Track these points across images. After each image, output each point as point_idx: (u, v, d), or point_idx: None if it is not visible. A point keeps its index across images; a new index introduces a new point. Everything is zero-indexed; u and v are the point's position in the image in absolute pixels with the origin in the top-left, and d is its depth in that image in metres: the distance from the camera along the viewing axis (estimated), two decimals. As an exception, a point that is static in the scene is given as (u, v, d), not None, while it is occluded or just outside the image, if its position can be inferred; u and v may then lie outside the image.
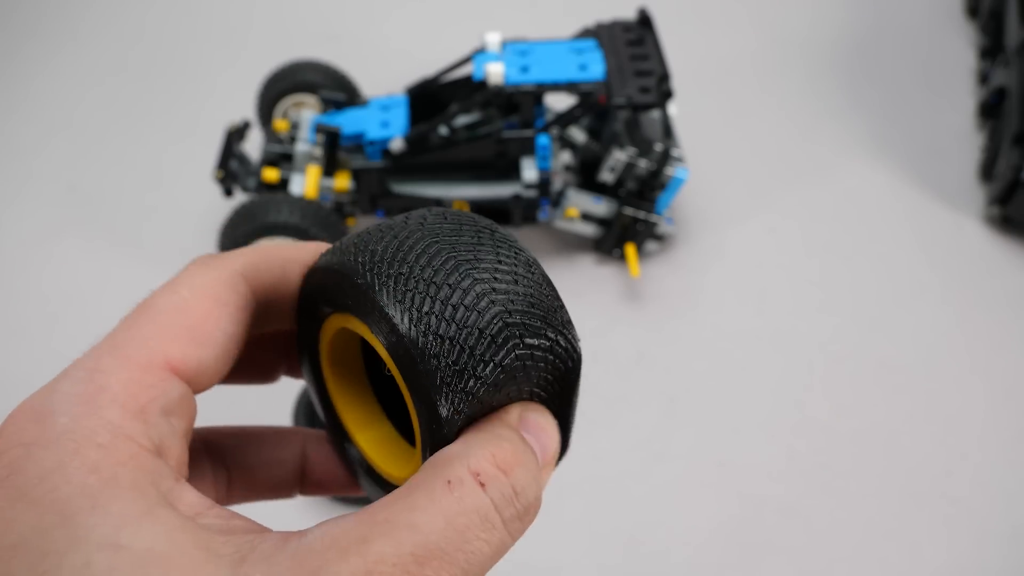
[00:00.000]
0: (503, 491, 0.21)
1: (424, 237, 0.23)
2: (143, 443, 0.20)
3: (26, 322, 0.84)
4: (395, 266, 0.22)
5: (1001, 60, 0.97)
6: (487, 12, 1.16)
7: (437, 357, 0.21)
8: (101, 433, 0.20)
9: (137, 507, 0.19)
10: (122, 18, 1.17)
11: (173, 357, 0.22)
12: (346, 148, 0.83)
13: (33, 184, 0.97)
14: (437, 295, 0.22)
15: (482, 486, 0.20)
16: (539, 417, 0.23)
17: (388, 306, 0.22)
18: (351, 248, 0.23)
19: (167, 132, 1.02)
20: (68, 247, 0.90)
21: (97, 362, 0.21)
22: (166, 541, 0.19)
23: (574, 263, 0.89)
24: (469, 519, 0.20)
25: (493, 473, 0.21)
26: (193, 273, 0.23)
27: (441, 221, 0.24)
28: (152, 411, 0.21)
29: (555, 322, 0.23)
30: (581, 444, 0.75)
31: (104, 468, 0.19)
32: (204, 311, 0.23)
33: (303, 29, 1.15)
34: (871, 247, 0.90)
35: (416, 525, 0.19)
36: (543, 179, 0.81)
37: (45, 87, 1.08)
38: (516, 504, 0.21)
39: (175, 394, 0.22)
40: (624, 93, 0.79)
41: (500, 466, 0.21)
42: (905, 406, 0.77)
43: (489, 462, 0.21)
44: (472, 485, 0.20)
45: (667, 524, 0.70)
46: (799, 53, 1.11)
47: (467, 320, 0.22)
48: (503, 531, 0.21)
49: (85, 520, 0.19)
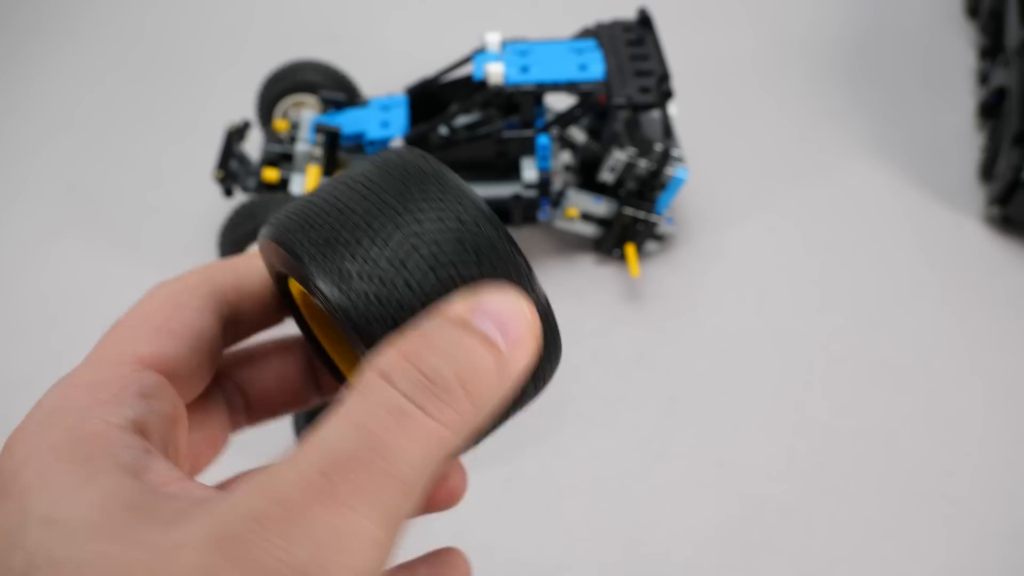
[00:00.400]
0: (410, 377, 0.19)
1: (352, 194, 0.23)
2: (115, 421, 0.21)
3: (26, 322, 0.84)
4: (320, 230, 0.22)
5: (1001, 60, 0.97)
6: (487, 12, 1.16)
7: (368, 319, 0.21)
8: (68, 418, 0.21)
9: (77, 477, 0.19)
10: (122, 18, 1.17)
11: (142, 353, 0.23)
12: (346, 148, 0.83)
13: (33, 184, 0.97)
14: (364, 256, 0.21)
15: (388, 383, 0.19)
16: (497, 301, 0.21)
17: (315, 275, 0.22)
18: (283, 215, 0.24)
19: (167, 132, 1.02)
20: (68, 247, 0.90)
21: (72, 373, 0.23)
22: (97, 508, 0.19)
23: (574, 263, 0.89)
24: (380, 418, 0.18)
25: (399, 365, 0.19)
26: (153, 291, 0.25)
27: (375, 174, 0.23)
28: (126, 395, 0.22)
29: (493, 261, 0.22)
30: (581, 444, 0.75)
31: (62, 447, 0.20)
32: (166, 313, 0.24)
33: (303, 29, 1.15)
34: (871, 247, 0.90)
35: (323, 441, 0.18)
36: (543, 179, 0.81)
37: (45, 87, 1.08)
38: (434, 388, 0.19)
39: (149, 381, 0.23)
40: (624, 93, 0.79)
41: (406, 357, 0.19)
42: (905, 406, 0.77)
43: (394, 357, 0.19)
44: (378, 383, 0.19)
45: (667, 524, 0.70)
46: (799, 53, 1.11)
47: (395, 281, 0.21)
48: (429, 422, 0.19)
49: (32, 499, 0.19)
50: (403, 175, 0.23)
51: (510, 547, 0.67)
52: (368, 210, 0.22)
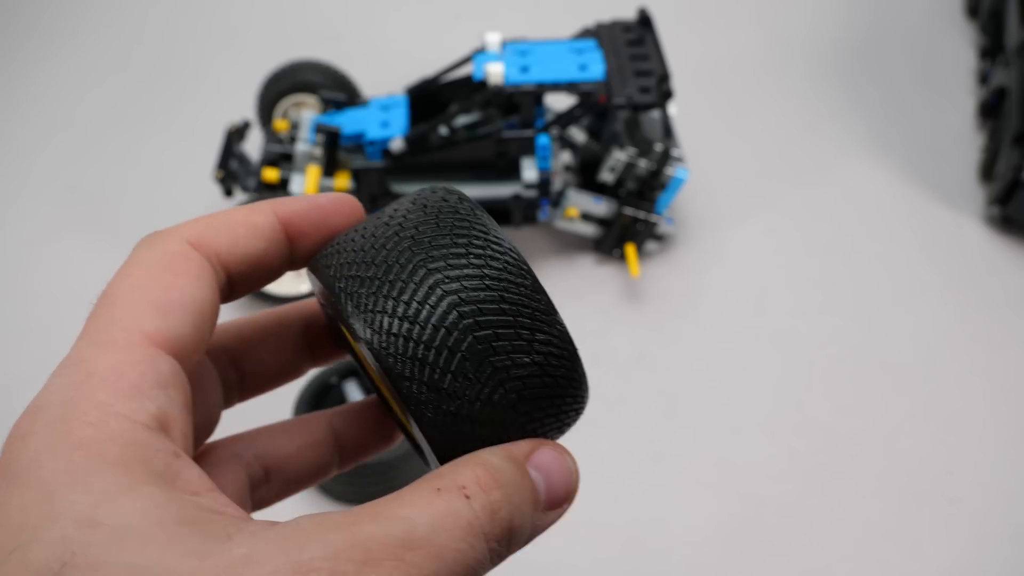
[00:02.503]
0: (484, 505, 0.21)
1: (395, 243, 0.23)
2: (139, 418, 0.20)
3: (26, 322, 0.84)
4: (363, 283, 0.23)
5: (1001, 60, 0.97)
6: (487, 12, 1.16)
7: (408, 374, 0.22)
8: (91, 412, 0.20)
9: (119, 483, 0.19)
10: (122, 18, 1.17)
11: (149, 331, 0.22)
12: (346, 148, 0.83)
13: (33, 184, 0.97)
14: (404, 313, 0.22)
15: (467, 498, 0.21)
16: (553, 458, 0.24)
17: (359, 330, 0.22)
18: (328, 258, 0.24)
19: (167, 132, 1.02)
20: (68, 247, 0.90)
21: (80, 354, 0.22)
22: (144, 517, 0.19)
23: (574, 263, 0.89)
24: (456, 520, 0.20)
25: (475, 490, 0.21)
26: (141, 254, 0.24)
27: (419, 217, 0.24)
28: (145, 386, 0.21)
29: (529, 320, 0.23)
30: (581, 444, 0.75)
31: (91, 444, 0.20)
32: (163, 285, 0.23)
33: (303, 29, 1.15)
34: (871, 247, 0.90)
35: (406, 517, 0.20)
36: (543, 179, 0.81)
37: (45, 87, 1.08)
38: (496, 523, 0.21)
39: (165, 367, 0.22)
40: (624, 93, 0.79)
41: (481, 486, 0.21)
42: (905, 406, 0.77)
43: (472, 480, 0.21)
44: (458, 494, 0.21)
45: (667, 523, 0.70)
46: (799, 53, 1.11)
47: (431, 338, 0.22)
48: (484, 546, 0.21)
49: (64, 496, 0.19)
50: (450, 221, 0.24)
51: (510, 547, 0.67)
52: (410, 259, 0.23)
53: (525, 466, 0.23)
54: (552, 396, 0.24)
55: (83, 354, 0.22)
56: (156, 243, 0.24)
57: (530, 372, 0.23)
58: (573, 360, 0.24)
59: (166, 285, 0.23)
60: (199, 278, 0.23)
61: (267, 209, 0.25)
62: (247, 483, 0.27)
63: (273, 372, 0.29)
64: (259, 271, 0.25)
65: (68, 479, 0.19)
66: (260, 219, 0.25)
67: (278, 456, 0.28)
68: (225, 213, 0.25)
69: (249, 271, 0.25)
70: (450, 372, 0.22)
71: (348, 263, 0.23)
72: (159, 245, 0.23)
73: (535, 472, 0.23)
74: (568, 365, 0.24)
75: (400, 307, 0.22)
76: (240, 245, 0.24)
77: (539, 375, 0.23)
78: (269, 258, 0.25)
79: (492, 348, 0.22)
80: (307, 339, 0.29)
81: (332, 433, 0.29)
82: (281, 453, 0.28)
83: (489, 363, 0.22)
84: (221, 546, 0.19)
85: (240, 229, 0.25)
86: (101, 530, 0.18)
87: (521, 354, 0.23)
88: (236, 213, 0.25)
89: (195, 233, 0.24)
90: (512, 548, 0.22)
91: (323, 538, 0.19)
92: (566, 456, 0.24)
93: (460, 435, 0.23)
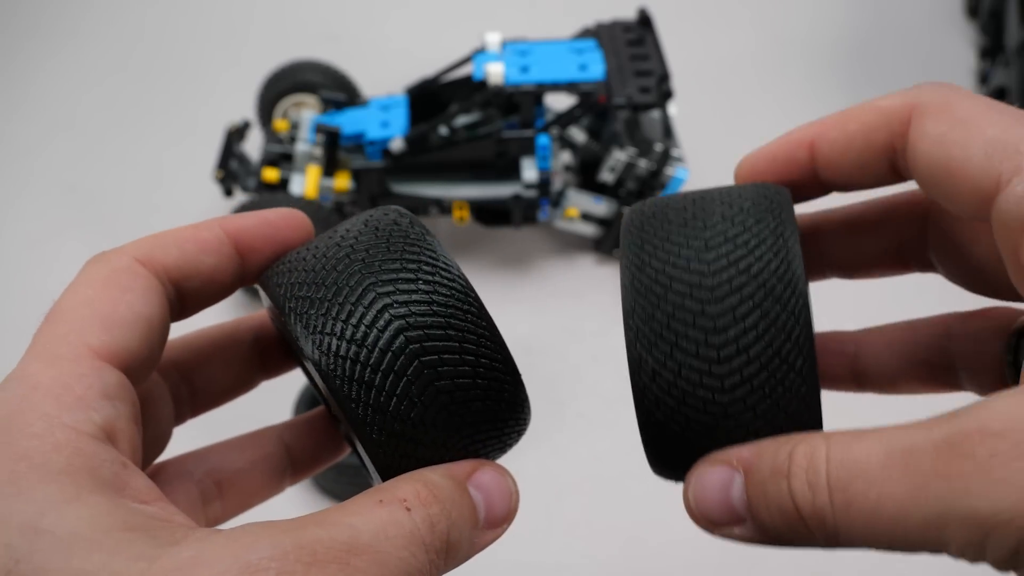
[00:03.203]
0: (423, 517, 0.22)
1: (345, 265, 0.23)
2: (85, 429, 0.20)
3: (26, 322, 0.83)
4: (312, 303, 0.23)
5: (1001, 60, 0.97)
6: (487, 12, 1.16)
7: (354, 396, 0.22)
8: (36, 424, 0.20)
9: (64, 492, 0.19)
10: (122, 18, 1.17)
11: (95, 345, 0.22)
12: (346, 148, 0.83)
13: (33, 184, 0.97)
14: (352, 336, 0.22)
15: (408, 510, 0.22)
16: (493, 479, 0.24)
17: (306, 350, 0.22)
18: (278, 275, 0.24)
19: (167, 132, 1.02)
20: (68, 247, 0.90)
21: (25, 369, 0.22)
22: (91, 524, 0.19)
23: (574, 263, 0.89)
24: (398, 529, 0.21)
25: (415, 503, 0.22)
26: (89, 271, 0.24)
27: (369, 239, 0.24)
28: (91, 397, 0.21)
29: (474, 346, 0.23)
30: (581, 444, 0.75)
31: (36, 455, 0.20)
32: (110, 300, 0.23)
33: (303, 29, 1.15)
34: (871, 247, 0.90)
35: (351, 524, 0.21)
36: (543, 179, 0.81)
37: (45, 87, 1.08)
38: (435, 536, 0.22)
39: (111, 380, 0.22)
40: (624, 93, 0.79)
41: (421, 500, 0.22)
42: (905, 405, 0.77)
43: (413, 494, 0.22)
44: (399, 506, 0.22)
45: (667, 523, 0.70)
46: (799, 53, 1.11)
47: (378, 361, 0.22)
48: (424, 556, 0.21)
49: (8, 505, 0.19)
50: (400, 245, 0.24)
51: (510, 547, 0.67)
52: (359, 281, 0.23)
53: (465, 485, 0.23)
54: (495, 420, 0.24)
55: (28, 369, 0.22)
56: (104, 261, 0.24)
57: (474, 396, 0.23)
58: (516, 386, 0.24)
59: (112, 300, 0.23)
60: (146, 293, 0.23)
61: (214, 225, 0.25)
62: (199, 499, 0.27)
63: (225, 386, 0.29)
64: (211, 287, 0.25)
65: (12, 489, 0.19)
66: (207, 234, 0.25)
67: (230, 471, 0.28)
68: (173, 230, 0.25)
69: (200, 287, 0.25)
70: (395, 395, 0.22)
71: (298, 283, 0.23)
72: (107, 263, 0.24)
73: (475, 491, 0.23)
74: (511, 391, 0.24)
75: (348, 330, 0.22)
76: (189, 260, 0.25)
77: (482, 399, 0.23)
78: (220, 274, 0.25)
79: (437, 372, 0.22)
80: (258, 352, 0.29)
81: (283, 446, 0.29)
82: (232, 468, 0.28)
83: (434, 387, 0.22)
84: (169, 550, 0.19)
85: (188, 245, 0.25)
86: (46, 537, 0.18)
87: (465, 379, 0.23)
88: (184, 230, 0.25)
89: (143, 250, 0.24)
90: (450, 563, 0.22)
91: (271, 540, 0.19)
92: (506, 477, 0.24)
93: (403, 455, 0.23)
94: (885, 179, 0.26)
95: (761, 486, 0.22)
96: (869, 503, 0.20)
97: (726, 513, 0.23)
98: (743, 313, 0.22)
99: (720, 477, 0.23)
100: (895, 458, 0.19)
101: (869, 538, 0.20)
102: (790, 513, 0.21)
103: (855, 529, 0.20)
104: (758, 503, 0.22)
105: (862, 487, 0.20)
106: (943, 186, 0.23)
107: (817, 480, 0.21)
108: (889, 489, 0.19)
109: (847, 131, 0.25)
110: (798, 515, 0.21)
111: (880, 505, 0.19)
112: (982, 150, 0.21)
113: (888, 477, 0.19)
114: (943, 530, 0.19)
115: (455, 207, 0.83)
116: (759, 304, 0.22)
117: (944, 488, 0.19)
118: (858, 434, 0.21)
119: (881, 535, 0.20)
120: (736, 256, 0.22)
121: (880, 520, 0.19)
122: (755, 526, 0.23)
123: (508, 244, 0.91)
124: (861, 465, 0.20)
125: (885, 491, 0.19)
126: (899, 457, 0.19)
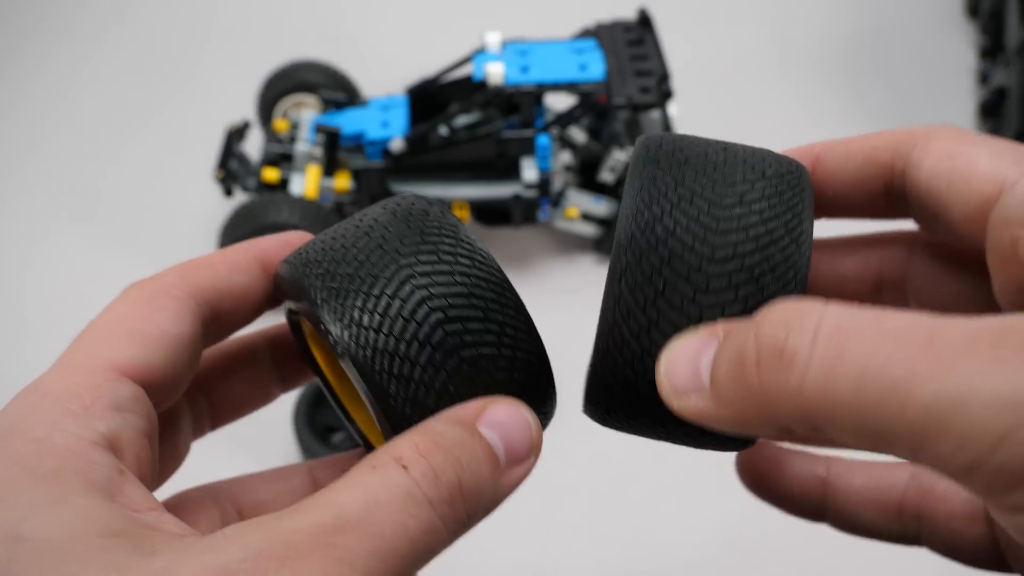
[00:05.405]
0: (424, 471, 0.20)
1: (366, 242, 0.23)
2: (85, 436, 0.20)
3: (26, 322, 0.84)
4: (334, 278, 0.23)
5: (1001, 60, 0.97)
6: (487, 12, 1.16)
7: (378, 367, 0.22)
8: (37, 429, 0.20)
9: (49, 495, 0.19)
10: (122, 18, 1.17)
11: (117, 359, 0.22)
12: (346, 148, 0.83)
13: (33, 184, 0.97)
14: (374, 307, 0.22)
15: (404, 468, 0.20)
16: (506, 413, 0.23)
17: (328, 322, 0.22)
18: (300, 256, 0.24)
19: (167, 132, 1.02)
20: (68, 247, 0.90)
21: (42, 380, 0.22)
22: (69, 531, 0.19)
23: (574, 263, 0.89)
24: (391, 493, 0.20)
25: (414, 457, 0.21)
26: (126, 293, 0.24)
27: (388, 220, 0.24)
28: (99, 407, 0.21)
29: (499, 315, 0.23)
30: (581, 444, 0.75)
31: (29, 459, 0.20)
32: (141, 317, 0.23)
33: (303, 29, 1.15)
34: (871, 247, 0.90)
35: (336, 503, 0.20)
36: (543, 179, 0.81)
37: (45, 87, 1.08)
38: (442, 487, 0.20)
39: (125, 392, 0.22)
40: (624, 93, 0.79)
41: (421, 452, 0.21)
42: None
43: (411, 449, 0.21)
44: (394, 466, 0.20)
45: (667, 524, 0.70)
46: (799, 53, 1.11)
47: (402, 330, 0.22)
48: (431, 511, 0.20)
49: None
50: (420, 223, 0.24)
51: (510, 547, 0.67)
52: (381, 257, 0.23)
53: (474, 426, 0.22)
54: (521, 393, 0.24)
55: (44, 378, 0.22)
56: (142, 284, 0.24)
57: (499, 366, 0.23)
58: (541, 362, 0.24)
59: (143, 318, 0.23)
60: (178, 313, 0.24)
61: (242, 247, 0.26)
62: (219, 525, 0.27)
63: (243, 399, 0.29)
64: (243, 305, 0.26)
65: (2, 495, 0.19)
66: (236, 256, 0.26)
67: (253, 501, 0.28)
68: (205, 256, 0.26)
69: (233, 306, 0.26)
70: (420, 364, 0.22)
71: (318, 260, 0.23)
72: (144, 286, 0.24)
73: (488, 430, 0.22)
74: (536, 362, 0.24)
75: (371, 301, 0.22)
76: (221, 280, 0.25)
77: (508, 368, 0.23)
78: (251, 292, 0.26)
79: (462, 341, 0.22)
80: (276, 364, 0.29)
81: (312, 481, 0.29)
82: (257, 498, 0.28)
83: (458, 355, 0.22)
84: (142, 560, 0.19)
85: (220, 267, 0.25)
86: (24, 546, 0.18)
87: (491, 347, 0.23)
88: (214, 254, 0.26)
89: (178, 274, 0.25)
90: (472, 512, 0.21)
91: (242, 541, 0.19)
92: (521, 408, 0.23)
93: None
94: (877, 202, 0.26)
95: (729, 337, 0.20)
96: (873, 362, 0.17)
97: (691, 378, 0.21)
98: (739, 281, 0.21)
99: (698, 343, 0.21)
100: (919, 333, 0.17)
101: (847, 410, 0.17)
102: (747, 359, 0.18)
103: (837, 392, 0.17)
104: (718, 356, 0.20)
105: (867, 345, 0.17)
106: (943, 193, 0.23)
107: (802, 327, 0.18)
108: (904, 354, 0.17)
109: (851, 147, 0.26)
110: (755, 359, 0.18)
111: (885, 368, 0.17)
112: (988, 158, 0.22)
113: (908, 343, 0.17)
114: (958, 411, 0.16)
115: (455, 207, 0.83)
116: (757, 277, 0.21)
117: (978, 367, 0.16)
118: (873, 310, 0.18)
119: (868, 407, 0.17)
120: (748, 222, 0.22)
121: (876, 385, 0.17)
122: (712, 392, 0.20)
123: (508, 244, 0.91)
124: (870, 329, 0.17)
125: (898, 356, 0.17)
126: (924, 332, 0.17)
